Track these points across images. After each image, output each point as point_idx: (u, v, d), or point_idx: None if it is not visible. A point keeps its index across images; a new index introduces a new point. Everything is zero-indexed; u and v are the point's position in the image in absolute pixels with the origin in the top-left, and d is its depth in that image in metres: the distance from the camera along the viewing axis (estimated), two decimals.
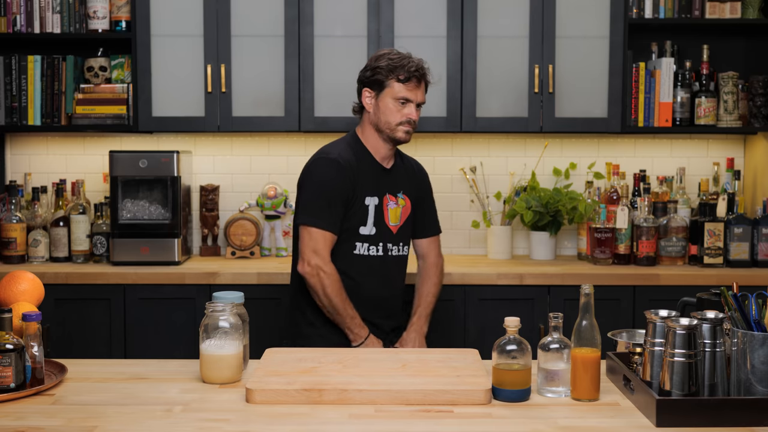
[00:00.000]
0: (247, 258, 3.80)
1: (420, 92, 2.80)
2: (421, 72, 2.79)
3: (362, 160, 2.80)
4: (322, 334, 2.72)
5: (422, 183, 3.00)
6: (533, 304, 3.42)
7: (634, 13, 3.69)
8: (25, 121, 3.69)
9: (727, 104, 3.72)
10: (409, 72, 2.75)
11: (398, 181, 2.88)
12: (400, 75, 2.75)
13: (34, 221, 3.68)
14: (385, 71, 2.76)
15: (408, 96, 2.76)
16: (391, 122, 2.77)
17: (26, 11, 3.65)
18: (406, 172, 2.93)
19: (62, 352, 3.17)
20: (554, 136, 3.91)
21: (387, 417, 1.79)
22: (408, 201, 2.89)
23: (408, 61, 2.76)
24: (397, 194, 2.86)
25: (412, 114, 2.77)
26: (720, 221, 3.58)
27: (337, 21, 3.63)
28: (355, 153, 2.80)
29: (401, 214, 2.86)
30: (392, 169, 2.88)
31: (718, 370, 1.80)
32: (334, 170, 2.73)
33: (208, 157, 3.96)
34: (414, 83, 2.77)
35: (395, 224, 2.84)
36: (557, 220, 3.72)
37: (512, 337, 1.90)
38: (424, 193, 2.99)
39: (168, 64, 3.64)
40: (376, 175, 2.81)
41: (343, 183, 2.72)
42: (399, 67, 2.75)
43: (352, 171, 2.75)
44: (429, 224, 3.01)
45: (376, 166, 2.82)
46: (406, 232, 2.88)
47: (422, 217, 2.97)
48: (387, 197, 2.82)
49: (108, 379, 2.06)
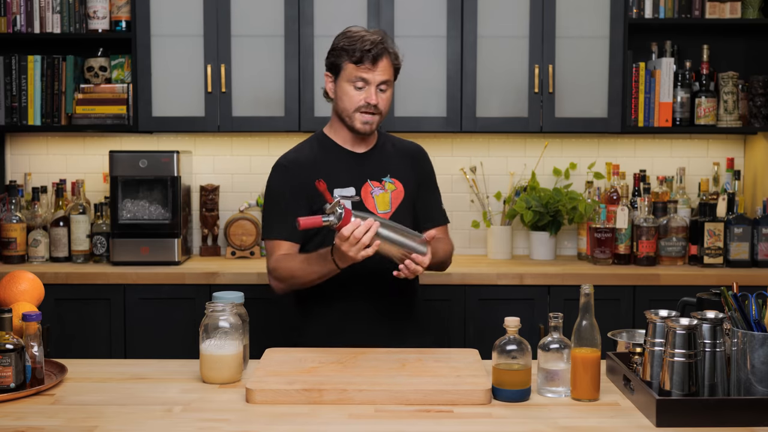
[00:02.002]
0: (247, 258, 3.80)
1: (379, 71, 2.42)
2: (378, 49, 2.41)
3: (324, 153, 2.52)
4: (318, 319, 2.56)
5: (420, 166, 2.64)
6: (533, 304, 3.42)
7: (634, 13, 3.69)
8: (25, 121, 3.69)
9: (727, 104, 3.72)
10: (362, 51, 2.39)
11: (382, 164, 2.55)
12: (353, 56, 2.41)
13: (34, 221, 3.68)
14: (338, 52, 2.44)
15: (364, 76, 2.41)
16: (348, 109, 2.45)
17: (26, 11, 3.65)
18: (396, 154, 2.60)
19: (62, 352, 3.17)
20: (554, 136, 3.91)
21: (387, 417, 1.79)
22: (400, 185, 2.55)
23: (362, 38, 2.41)
24: (383, 179, 2.53)
25: (370, 98, 2.42)
26: (720, 221, 3.58)
27: (337, 21, 3.62)
28: (315, 148, 2.54)
29: (391, 199, 2.53)
30: (370, 152, 2.55)
31: (718, 370, 1.80)
32: (278, 174, 2.52)
33: (208, 157, 3.96)
34: (369, 62, 2.41)
35: (385, 211, 2.50)
36: (557, 220, 3.72)
37: (512, 337, 1.90)
38: (423, 178, 2.64)
39: (168, 64, 3.65)
40: (345, 164, 2.51)
41: (291, 184, 2.48)
42: (351, 47, 2.41)
43: (302, 168, 2.49)
44: (432, 213, 2.65)
45: (344, 155, 2.52)
46: (401, 219, 2.48)
47: (423, 206, 2.62)
48: (368, 184, 2.51)
49: (108, 379, 2.06)
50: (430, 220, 2.64)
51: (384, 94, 2.46)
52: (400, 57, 2.51)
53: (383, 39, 2.45)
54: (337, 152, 2.53)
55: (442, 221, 2.68)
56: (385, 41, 2.45)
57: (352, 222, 2.18)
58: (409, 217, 2.57)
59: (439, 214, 2.67)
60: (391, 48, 2.47)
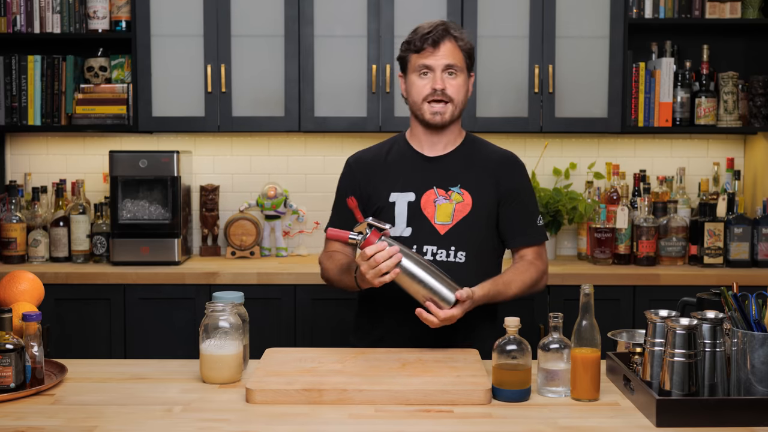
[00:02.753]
0: (247, 258, 3.80)
1: (441, 54, 2.30)
2: (438, 32, 2.31)
3: (393, 154, 2.42)
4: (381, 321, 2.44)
5: (507, 178, 2.39)
6: (533, 304, 3.42)
7: (634, 13, 3.69)
8: (25, 121, 3.69)
9: (727, 104, 3.72)
10: (422, 38, 2.31)
11: (453, 172, 2.37)
12: (415, 45, 2.33)
13: (34, 221, 3.68)
14: (404, 47, 2.38)
15: (426, 62, 2.31)
16: (417, 100, 2.34)
17: (26, 11, 3.65)
18: (477, 163, 2.39)
19: (62, 352, 3.17)
20: (554, 136, 3.91)
21: (387, 417, 1.79)
22: (469, 197, 2.34)
23: (422, 27, 2.34)
24: (450, 188, 2.35)
25: (436, 82, 2.30)
26: (720, 221, 3.58)
27: (337, 21, 3.63)
28: (387, 148, 2.45)
29: (454, 211, 2.33)
30: (444, 157, 2.39)
31: (718, 370, 1.80)
32: (344, 171, 2.48)
33: (208, 157, 3.96)
34: (430, 48, 2.31)
35: (444, 223, 2.32)
36: (557, 220, 3.72)
37: (512, 337, 1.90)
38: (509, 191, 2.38)
39: (168, 64, 3.64)
40: (412, 166, 2.38)
41: (349, 182, 2.43)
42: (413, 38, 2.34)
43: (365, 166, 2.42)
44: (519, 230, 2.39)
45: (413, 157, 2.39)
46: (462, 234, 2.33)
47: (509, 223, 2.39)
48: (433, 191, 2.34)
49: (108, 379, 2.06)
50: (516, 237, 2.40)
51: (453, 80, 2.32)
52: (468, 41, 2.37)
53: (444, 22, 2.35)
54: (407, 153, 2.41)
55: (532, 240, 2.41)
56: (447, 24, 2.34)
57: (376, 244, 2.11)
58: (472, 231, 2.35)
59: (528, 232, 2.40)
60: (455, 31, 2.34)
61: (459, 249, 2.34)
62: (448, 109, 2.33)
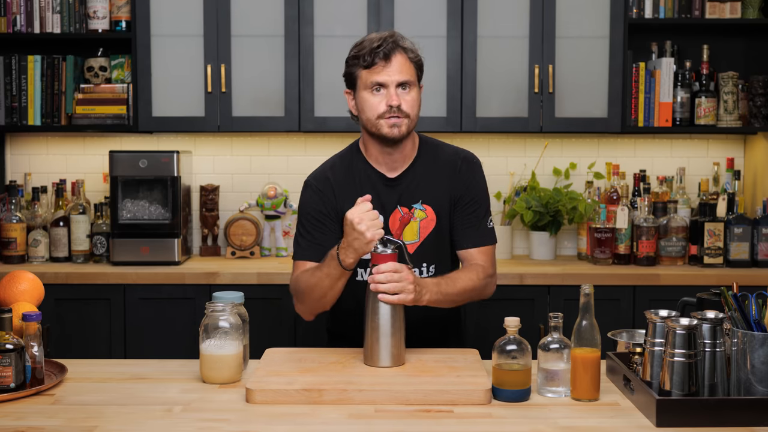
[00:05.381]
0: (247, 258, 3.80)
1: (394, 69, 2.23)
2: (388, 45, 2.23)
3: (354, 174, 2.35)
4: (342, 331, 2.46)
5: (460, 179, 2.37)
6: (533, 304, 3.42)
7: (634, 13, 3.69)
8: (25, 121, 3.69)
9: (727, 104, 3.72)
10: (371, 53, 2.23)
11: (412, 189, 2.34)
12: (364, 60, 2.25)
13: (34, 221, 3.68)
14: (350, 62, 2.30)
15: (379, 79, 2.24)
16: (371, 117, 2.26)
17: (26, 11, 3.65)
18: (433, 171, 2.36)
19: (62, 352, 3.17)
20: (554, 136, 3.91)
21: (387, 417, 1.79)
22: (431, 211, 2.34)
23: (370, 40, 2.26)
24: (413, 205, 2.33)
25: (391, 99, 2.23)
26: (720, 221, 3.58)
27: (337, 21, 3.63)
28: (346, 166, 2.37)
29: (420, 228, 2.33)
30: (403, 175, 2.35)
31: (718, 370, 1.80)
32: (307, 193, 2.37)
33: (208, 157, 3.96)
34: (381, 63, 2.24)
35: (412, 242, 2.32)
36: (557, 220, 3.72)
37: (512, 337, 1.90)
38: (461, 192, 2.36)
39: (168, 64, 3.64)
40: (375, 189, 2.32)
41: (315, 205, 2.33)
42: (361, 52, 2.26)
43: (328, 189, 2.34)
44: (465, 231, 2.35)
45: (375, 178, 2.34)
46: (429, 250, 2.33)
47: (457, 223, 2.36)
48: (398, 211, 2.32)
49: (108, 379, 2.06)
50: (461, 239, 2.35)
51: (407, 96, 2.26)
52: (418, 52, 2.31)
53: (393, 33, 2.28)
54: (367, 174, 2.35)
55: (480, 241, 2.35)
56: (396, 36, 2.27)
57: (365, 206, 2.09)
58: (438, 245, 2.36)
59: (476, 233, 2.35)
60: (404, 43, 2.27)
61: (430, 263, 2.35)
62: (405, 122, 2.27)
